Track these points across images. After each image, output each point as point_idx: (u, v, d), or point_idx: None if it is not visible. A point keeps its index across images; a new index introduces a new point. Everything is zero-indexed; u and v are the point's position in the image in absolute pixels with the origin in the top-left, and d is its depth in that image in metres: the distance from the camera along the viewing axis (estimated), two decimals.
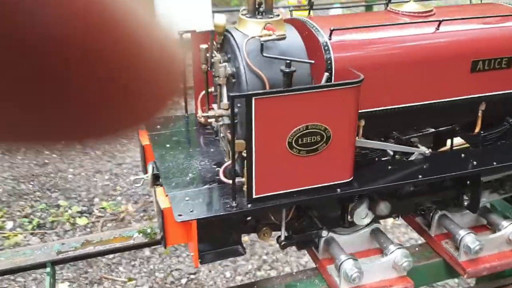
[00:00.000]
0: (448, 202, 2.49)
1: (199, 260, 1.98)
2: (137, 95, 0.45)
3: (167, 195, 2.02)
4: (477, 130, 2.42)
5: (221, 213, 1.92)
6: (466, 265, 2.39)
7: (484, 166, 2.27)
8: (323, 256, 2.37)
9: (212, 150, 2.36)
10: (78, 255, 2.49)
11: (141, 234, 2.64)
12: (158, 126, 2.57)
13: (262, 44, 1.91)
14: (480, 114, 2.39)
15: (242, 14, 2.11)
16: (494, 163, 2.29)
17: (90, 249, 2.52)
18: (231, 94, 1.80)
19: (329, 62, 2.05)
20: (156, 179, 2.20)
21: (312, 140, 1.93)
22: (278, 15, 2.13)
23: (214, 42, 2.15)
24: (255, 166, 1.90)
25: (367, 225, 2.40)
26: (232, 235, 2.08)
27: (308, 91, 1.86)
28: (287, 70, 1.85)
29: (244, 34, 2.03)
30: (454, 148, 2.44)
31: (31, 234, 5.37)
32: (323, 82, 2.00)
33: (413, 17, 2.30)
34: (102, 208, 5.82)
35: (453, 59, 2.22)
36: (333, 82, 2.02)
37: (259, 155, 1.89)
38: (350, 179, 2.09)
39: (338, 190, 2.06)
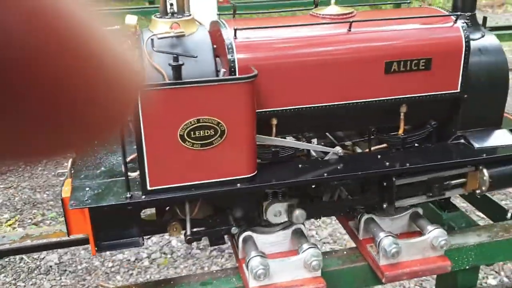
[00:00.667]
0: (373, 205, 2.47)
1: (96, 248, 2.05)
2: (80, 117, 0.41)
3: (72, 186, 2.11)
4: (400, 132, 2.40)
5: (113, 203, 1.98)
6: (385, 269, 2.36)
7: (396, 167, 2.25)
8: (242, 255, 2.39)
9: (135, 146, 2.44)
10: (15, 248, 2.60)
11: None
12: None
13: (152, 40, 1.99)
14: (402, 116, 2.38)
15: (154, 15, 2.20)
16: (407, 164, 2.27)
17: (27, 242, 2.62)
18: None
19: (232, 61, 2.10)
20: None
21: (206, 134, 1.98)
22: (189, 15, 2.20)
23: (129, 41, 2.24)
24: (147, 158, 1.96)
25: (289, 225, 2.41)
26: (134, 227, 2.13)
27: (194, 85, 1.91)
28: (174, 64, 1.92)
29: (152, 33, 2.11)
30: (377, 149, 2.43)
31: None
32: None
33: (331, 19, 2.33)
34: None
35: (366, 59, 2.23)
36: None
37: (150, 147, 1.95)
38: (252, 174, 2.12)
39: (238, 185, 2.09)
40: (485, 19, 2.55)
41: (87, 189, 2.08)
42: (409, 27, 2.33)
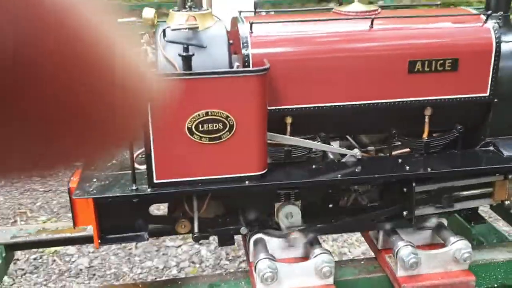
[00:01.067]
0: (394, 213, 2.34)
1: (99, 241, 2.01)
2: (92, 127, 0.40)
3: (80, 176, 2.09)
4: (424, 136, 2.28)
5: (117, 195, 1.95)
6: (402, 281, 2.22)
7: (416, 172, 2.13)
8: (252, 258, 2.30)
9: None
10: (29, 241, 2.60)
11: None
12: None
13: (164, 31, 1.96)
14: (427, 119, 2.26)
15: (172, 9, 2.18)
16: (429, 169, 2.14)
17: (42, 236, 2.62)
18: None
19: (246, 55, 2.05)
20: None
21: (214, 128, 1.92)
22: (207, 10, 2.17)
23: (148, 35, 2.22)
24: (154, 150, 1.92)
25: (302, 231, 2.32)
26: (140, 222, 2.09)
27: (203, 76, 1.87)
28: (184, 54, 1.88)
29: (167, 26, 2.09)
30: (399, 154, 2.31)
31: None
32: None
33: (353, 16, 2.25)
34: None
35: (388, 58, 2.13)
36: None
37: (157, 139, 1.91)
38: (261, 172, 2.04)
39: (247, 182, 2.02)
40: None
41: (94, 180, 2.05)
42: (435, 25, 2.22)
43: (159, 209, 2.71)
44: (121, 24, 0.39)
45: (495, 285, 2.49)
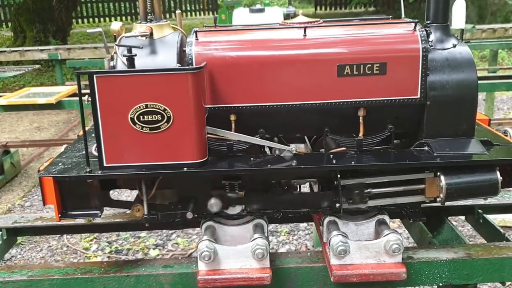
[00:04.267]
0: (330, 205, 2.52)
1: (59, 215, 2.35)
2: None
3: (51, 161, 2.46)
4: (360, 135, 2.46)
5: (72, 175, 2.29)
6: (334, 268, 2.38)
7: (338, 165, 2.32)
8: None
9: None
10: (28, 226, 3.00)
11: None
12: None
13: (114, 36, 2.32)
14: (361, 120, 2.45)
15: (136, 22, 2.54)
16: (352, 162, 2.32)
17: (38, 223, 3.01)
18: (76, 72, 2.22)
19: (190, 58, 2.37)
20: None
21: (153, 119, 2.23)
22: (165, 21, 2.52)
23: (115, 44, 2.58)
24: (103, 138, 2.25)
25: (251, 220, 2.54)
26: (96, 201, 2.40)
27: (142, 73, 2.19)
28: (127, 55, 2.23)
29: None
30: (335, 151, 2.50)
31: (108, 257, 6.10)
32: None
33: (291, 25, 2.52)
34: (176, 243, 6.38)
35: (318, 62, 2.36)
36: None
37: (105, 127, 2.24)
38: (199, 161, 2.31)
39: (185, 169, 2.30)
40: (462, 31, 2.56)
41: (60, 164, 2.41)
42: (365, 32, 2.43)
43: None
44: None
45: (440, 284, 2.58)
